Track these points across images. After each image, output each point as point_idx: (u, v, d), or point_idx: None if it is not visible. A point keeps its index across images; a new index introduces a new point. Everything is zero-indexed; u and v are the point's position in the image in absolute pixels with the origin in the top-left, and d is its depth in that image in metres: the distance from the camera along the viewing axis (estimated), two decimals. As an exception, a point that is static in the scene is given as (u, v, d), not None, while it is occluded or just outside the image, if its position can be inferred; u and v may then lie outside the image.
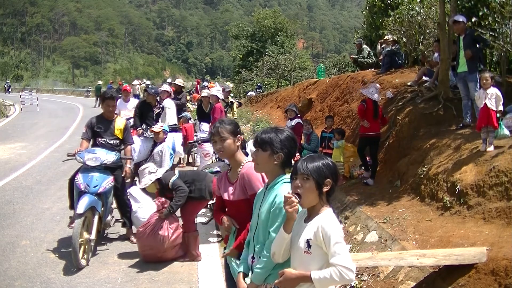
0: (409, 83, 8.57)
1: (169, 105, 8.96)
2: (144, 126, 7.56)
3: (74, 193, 4.89)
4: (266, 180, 2.46)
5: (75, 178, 4.87)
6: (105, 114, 5.39)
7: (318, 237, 1.96)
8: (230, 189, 2.67)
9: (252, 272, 2.31)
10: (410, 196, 5.81)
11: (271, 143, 2.29)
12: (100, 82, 30.31)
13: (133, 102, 9.38)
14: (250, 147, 3.47)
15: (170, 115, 8.85)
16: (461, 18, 6.72)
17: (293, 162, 2.38)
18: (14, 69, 57.21)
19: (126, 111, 8.94)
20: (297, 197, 2.00)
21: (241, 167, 2.66)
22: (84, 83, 66.54)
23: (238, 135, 2.70)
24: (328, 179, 2.01)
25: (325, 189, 2.02)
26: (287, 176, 2.28)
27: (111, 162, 5.00)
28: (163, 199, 4.87)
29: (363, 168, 7.44)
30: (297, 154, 2.43)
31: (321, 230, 1.96)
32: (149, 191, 5.05)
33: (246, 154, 3.18)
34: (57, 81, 62.85)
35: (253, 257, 2.33)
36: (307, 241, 2.00)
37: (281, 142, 2.30)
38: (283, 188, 2.25)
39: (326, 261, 1.95)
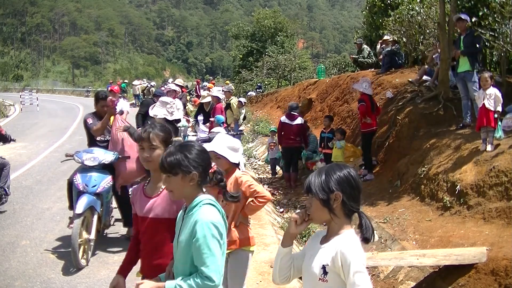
0: (410, 80, 8.57)
1: (179, 106, 8.69)
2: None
3: (73, 193, 4.89)
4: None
5: (74, 178, 4.87)
6: (100, 114, 5.37)
7: (337, 263, 1.67)
8: (147, 204, 2.31)
9: None
10: (410, 196, 5.81)
11: (179, 165, 2.00)
12: (126, 81, 30.60)
13: (122, 104, 8.42)
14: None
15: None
16: (464, 16, 6.73)
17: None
18: (14, 69, 57.15)
19: None
20: (307, 215, 1.80)
21: None
22: (84, 83, 66.51)
23: (170, 146, 2.29)
24: (336, 193, 1.72)
25: (335, 204, 1.73)
26: (207, 197, 2.05)
27: (109, 162, 5.00)
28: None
29: (363, 167, 7.45)
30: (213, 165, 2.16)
31: (340, 255, 1.67)
32: (157, 121, 5.14)
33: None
34: (57, 81, 62.71)
35: None
36: (323, 267, 1.71)
37: (191, 160, 2.03)
38: (203, 212, 1.97)
39: None
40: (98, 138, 5.30)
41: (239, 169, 3.20)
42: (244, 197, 2.98)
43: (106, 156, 4.99)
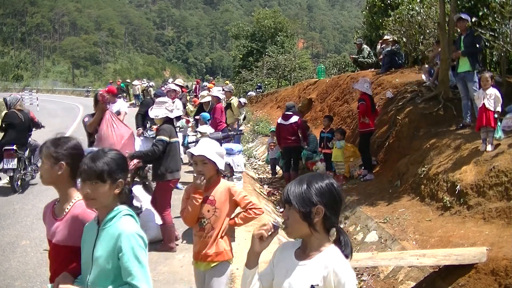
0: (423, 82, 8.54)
1: (179, 106, 8.64)
2: (148, 125, 7.52)
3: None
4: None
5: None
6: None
7: (328, 283, 1.57)
8: (52, 227, 2.10)
9: None
10: (410, 196, 5.81)
11: (109, 170, 1.86)
12: (128, 81, 30.70)
13: (120, 104, 8.13)
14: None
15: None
16: (464, 16, 6.74)
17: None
18: (14, 69, 57.19)
19: None
20: (279, 226, 1.67)
21: (70, 204, 2.09)
22: (84, 83, 66.58)
23: (61, 162, 2.05)
24: (318, 206, 1.58)
25: (315, 218, 1.58)
26: (124, 207, 1.92)
27: None
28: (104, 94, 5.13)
29: (363, 168, 7.46)
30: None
31: (332, 275, 1.56)
32: (156, 122, 5.15)
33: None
34: (57, 81, 62.73)
35: None
36: (312, 287, 1.59)
37: (119, 167, 1.90)
38: (125, 224, 1.86)
39: None
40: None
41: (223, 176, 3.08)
42: (233, 206, 2.91)
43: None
